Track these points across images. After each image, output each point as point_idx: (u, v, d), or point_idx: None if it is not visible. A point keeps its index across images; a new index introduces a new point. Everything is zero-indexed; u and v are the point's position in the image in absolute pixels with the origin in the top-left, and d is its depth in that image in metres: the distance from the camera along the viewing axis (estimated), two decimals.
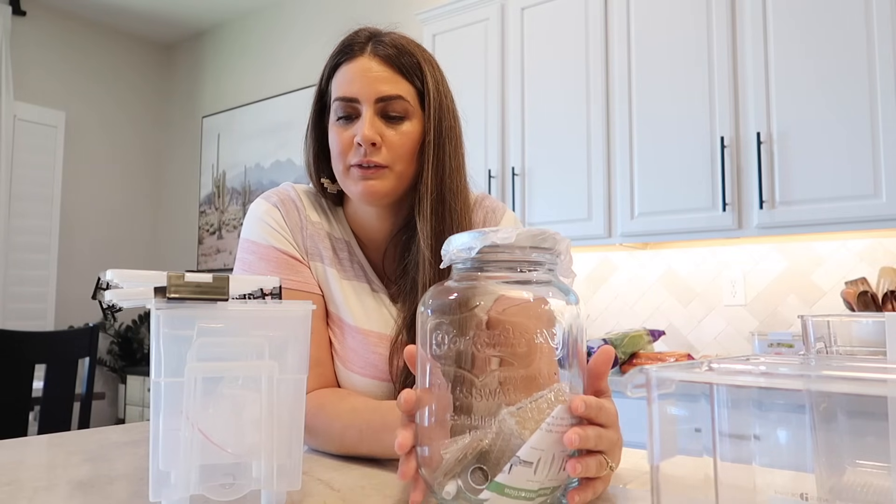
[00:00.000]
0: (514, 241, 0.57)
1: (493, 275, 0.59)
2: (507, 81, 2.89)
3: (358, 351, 0.96)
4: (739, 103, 2.34)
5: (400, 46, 0.95)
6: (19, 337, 2.06)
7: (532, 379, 0.57)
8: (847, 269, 2.38)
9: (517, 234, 0.57)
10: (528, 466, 0.53)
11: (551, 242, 0.59)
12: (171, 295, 0.55)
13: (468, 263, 0.59)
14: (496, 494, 0.54)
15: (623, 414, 0.69)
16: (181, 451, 0.55)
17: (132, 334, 4.62)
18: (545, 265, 0.59)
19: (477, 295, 0.59)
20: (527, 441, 0.54)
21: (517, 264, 0.59)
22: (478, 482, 0.55)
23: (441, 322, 0.58)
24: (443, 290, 0.60)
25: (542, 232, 0.58)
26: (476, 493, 0.55)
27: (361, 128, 0.91)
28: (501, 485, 0.53)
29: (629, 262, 2.88)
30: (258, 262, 0.96)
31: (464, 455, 0.56)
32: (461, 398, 0.57)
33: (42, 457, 0.87)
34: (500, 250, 0.58)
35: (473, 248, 0.58)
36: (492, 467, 0.55)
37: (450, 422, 0.57)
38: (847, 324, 0.59)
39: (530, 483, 0.53)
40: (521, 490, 0.53)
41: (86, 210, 4.63)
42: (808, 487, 0.47)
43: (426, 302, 0.60)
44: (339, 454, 0.84)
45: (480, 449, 0.56)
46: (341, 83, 0.94)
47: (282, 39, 4.36)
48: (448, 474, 0.56)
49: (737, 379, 0.45)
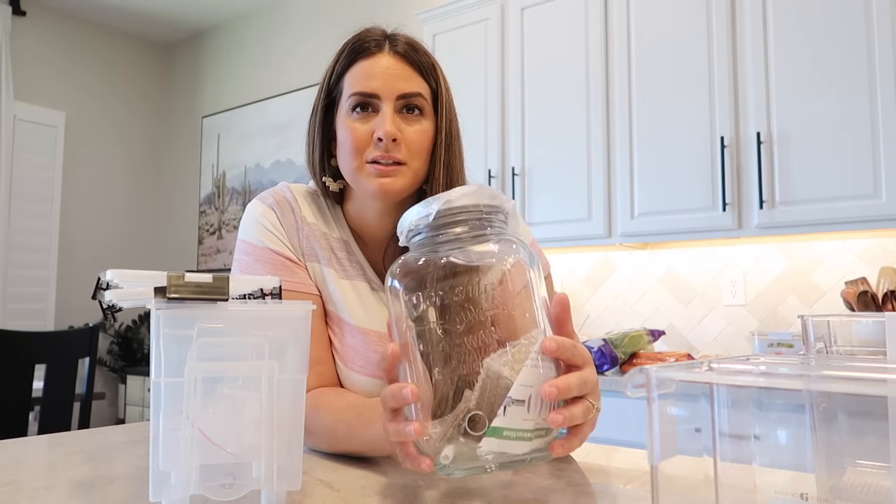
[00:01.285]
0: (466, 199, 0.59)
1: (452, 231, 0.60)
2: (506, 81, 2.89)
3: (358, 350, 0.96)
4: (739, 103, 2.34)
5: (416, 46, 0.96)
6: (19, 337, 2.06)
7: (509, 323, 0.58)
8: (847, 269, 2.38)
9: (462, 192, 0.60)
10: (520, 405, 0.54)
11: (499, 200, 0.61)
12: (171, 295, 0.55)
13: (424, 232, 0.61)
14: (495, 439, 0.54)
15: (623, 414, 0.69)
16: (181, 451, 0.55)
17: (132, 334, 4.62)
18: (496, 223, 0.61)
19: (442, 254, 0.60)
20: (515, 380, 0.54)
21: (472, 222, 0.60)
22: (476, 430, 0.55)
23: (411, 284, 0.60)
24: (406, 258, 0.62)
25: (491, 189, 0.61)
26: (475, 442, 0.55)
27: (383, 123, 0.90)
28: (499, 428, 0.54)
29: (629, 262, 2.88)
30: (254, 264, 0.96)
31: (455, 417, 0.56)
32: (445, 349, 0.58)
33: (42, 457, 0.87)
34: (454, 212, 0.59)
35: (430, 213, 0.59)
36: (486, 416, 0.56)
37: (437, 378, 0.58)
38: (847, 324, 0.59)
39: (526, 422, 0.54)
40: (519, 430, 0.54)
41: (86, 210, 4.63)
42: (808, 487, 0.47)
43: (393, 272, 0.61)
44: (333, 453, 0.84)
45: (469, 406, 0.56)
46: (359, 78, 0.93)
47: (281, 39, 4.36)
48: (442, 440, 0.57)
49: (737, 379, 0.45)
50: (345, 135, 0.94)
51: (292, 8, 4.33)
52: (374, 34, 0.96)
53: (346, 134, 0.93)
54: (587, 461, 0.82)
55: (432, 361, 0.59)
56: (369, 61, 0.93)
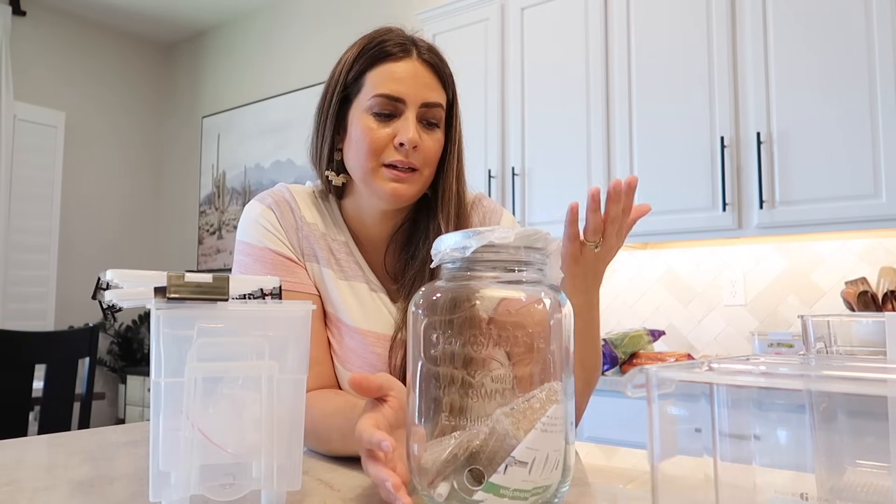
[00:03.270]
0: (512, 241, 0.57)
1: (485, 274, 0.59)
2: (507, 81, 2.89)
3: (356, 351, 0.96)
4: (739, 103, 2.34)
5: (439, 55, 0.98)
6: (19, 337, 2.06)
7: (526, 378, 0.57)
8: (847, 269, 2.38)
9: (515, 234, 0.57)
10: (523, 466, 0.53)
11: (543, 242, 0.59)
12: (171, 295, 0.55)
13: (458, 263, 0.59)
14: (491, 495, 0.53)
15: (623, 414, 0.69)
16: (181, 451, 0.55)
17: (132, 334, 4.62)
18: (535, 265, 0.59)
19: (471, 294, 0.59)
20: (521, 441, 0.53)
21: (508, 264, 0.59)
22: (473, 483, 0.55)
23: (434, 322, 0.58)
24: (435, 289, 0.60)
25: (536, 232, 0.58)
26: (470, 493, 0.54)
27: (407, 129, 0.91)
28: (497, 485, 0.53)
29: (629, 262, 2.88)
30: (253, 264, 0.96)
31: (453, 456, 0.56)
32: (455, 398, 0.57)
33: (42, 457, 0.87)
34: (494, 249, 0.57)
35: (468, 248, 0.57)
36: (484, 467, 0.55)
37: (444, 423, 0.57)
38: (847, 324, 0.59)
39: (525, 483, 0.53)
40: (516, 490, 0.53)
41: (86, 210, 4.62)
42: (808, 487, 0.47)
43: (418, 302, 0.60)
44: (328, 455, 0.84)
45: (471, 449, 0.55)
46: (385, 80, 0.93)
47: (281, 39, 4.36)
48: (438, 475, 0.56)
49: (737, 379, 0.45)
50: (361, 134, 0.93)
51: (293, 8, 4.32)
52: (398, 36, 0.96)
53: (364, 134, 0.93)
54: (587, 461, 0.82)
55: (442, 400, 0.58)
56: (399, 65, 0.93)
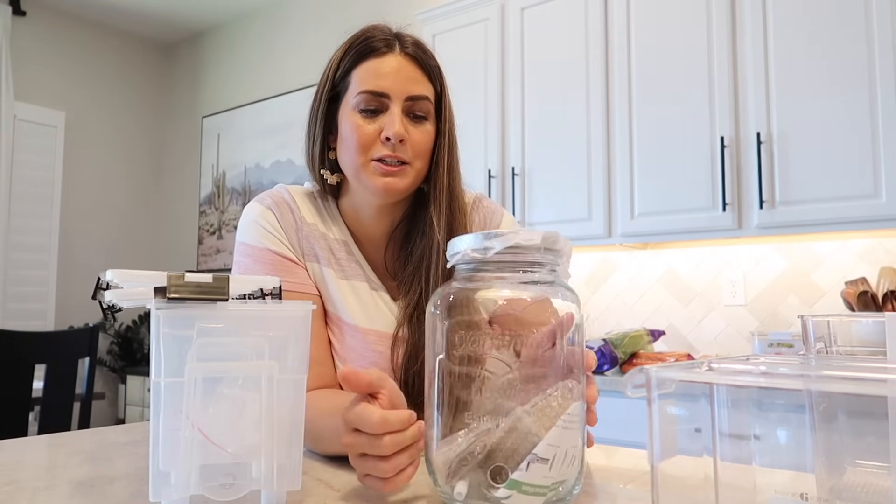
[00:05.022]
0: (539, 243, 0.58)
1: (501, 275, 0.60)
2: (506, 81, 2.89)
3: (357, 350, 0.96)
4: (739, 103, 2.34)
5: (424, 48, 0.98)
6: (19, 337, 2.06)
7: (541, 377, 0.58)
8: (847, 269, 2.38)
9: (541, 236, 0.58)
10: (544, 463, 0.55)
11: (563, 244, 0.60)
12: (171, 295, 0.55)
13: (473, 264, 0.60)
14: (514, 492, 0.55)
15: (623, 414, 0.69)
16: (181, 451, 0.55)
17: (132, 334, 4.62)
18: (549, 265, 0.60)
19: (490, 295, 0.60)
20: (543, 438, 0.55)
21: (525, 265, 0.60)
22: (497, 481, 0.56)
23: (454, 322, 0.59)
24: (453, 290, 0.61)
25: (556, 234, 0.60)
26: (491, 490, 0.56)
27: (392, 123, 0.91)
28: (519, 482, 0.55)
29: (629, 262, 2.88)
30: (253, 265, 0.96)
31: (470, 454, 0.57)
32: (473, 397, 0.58)
33: (42, 457, 0.87)
34: (514, 251, 0.58)
35: (491, 249, 0.58)
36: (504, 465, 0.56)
37: (463, 421, 0.58)
38: (847, 324, 0.59)
39: (546, 479, 0.55)
40: (537, 486, 0.55)
41: (86, 210, 4.62)
42: (808, 487, 0.47)
43: (436, 303, 0.61)
44: (326, 454, 0.84)
45: (489, 447, 0.56)
46: (369, 77, 0.93)
47: (281, 40, 4.36)
48: (454, 475, 0.57)
49: (737, 379, 0.45)
50: (350, 131, 0.94)
51: (292, 8, 4.32)
52: (382, 32, 0.96)
53: (352, 131, 0.93)
54: (587, 461, 0.82)
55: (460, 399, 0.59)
56: (380, 60, 0.94)
